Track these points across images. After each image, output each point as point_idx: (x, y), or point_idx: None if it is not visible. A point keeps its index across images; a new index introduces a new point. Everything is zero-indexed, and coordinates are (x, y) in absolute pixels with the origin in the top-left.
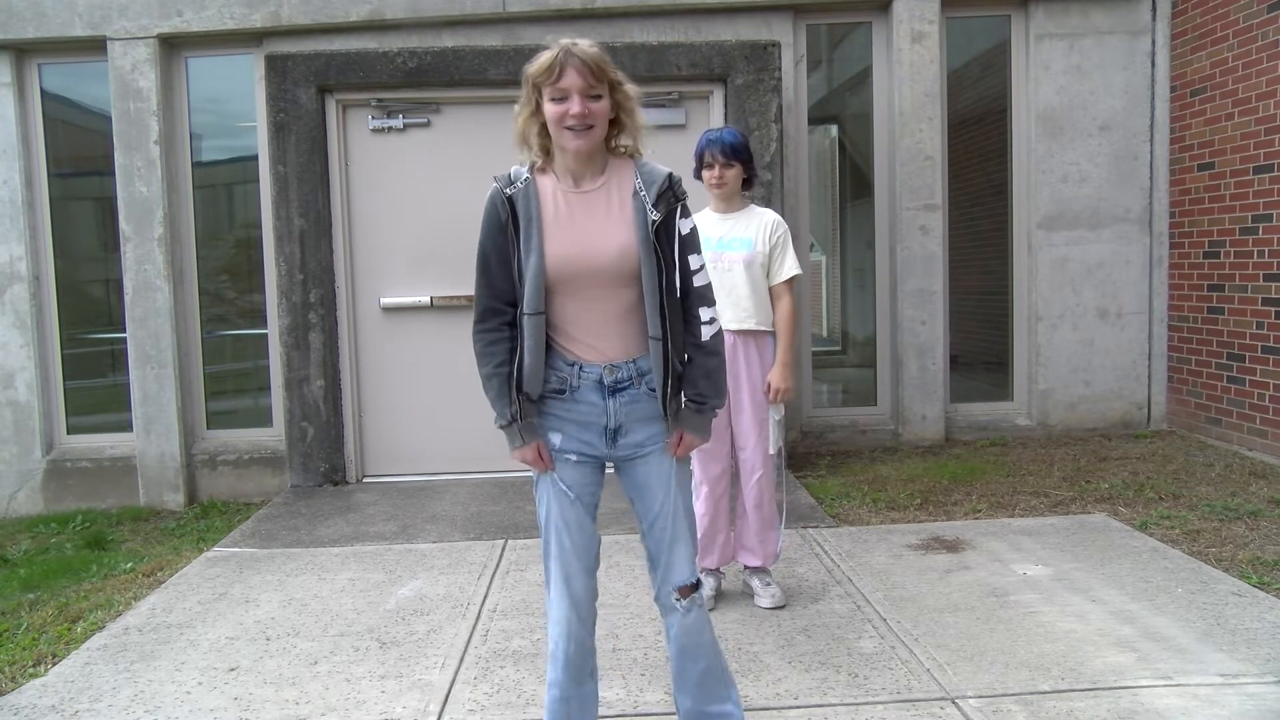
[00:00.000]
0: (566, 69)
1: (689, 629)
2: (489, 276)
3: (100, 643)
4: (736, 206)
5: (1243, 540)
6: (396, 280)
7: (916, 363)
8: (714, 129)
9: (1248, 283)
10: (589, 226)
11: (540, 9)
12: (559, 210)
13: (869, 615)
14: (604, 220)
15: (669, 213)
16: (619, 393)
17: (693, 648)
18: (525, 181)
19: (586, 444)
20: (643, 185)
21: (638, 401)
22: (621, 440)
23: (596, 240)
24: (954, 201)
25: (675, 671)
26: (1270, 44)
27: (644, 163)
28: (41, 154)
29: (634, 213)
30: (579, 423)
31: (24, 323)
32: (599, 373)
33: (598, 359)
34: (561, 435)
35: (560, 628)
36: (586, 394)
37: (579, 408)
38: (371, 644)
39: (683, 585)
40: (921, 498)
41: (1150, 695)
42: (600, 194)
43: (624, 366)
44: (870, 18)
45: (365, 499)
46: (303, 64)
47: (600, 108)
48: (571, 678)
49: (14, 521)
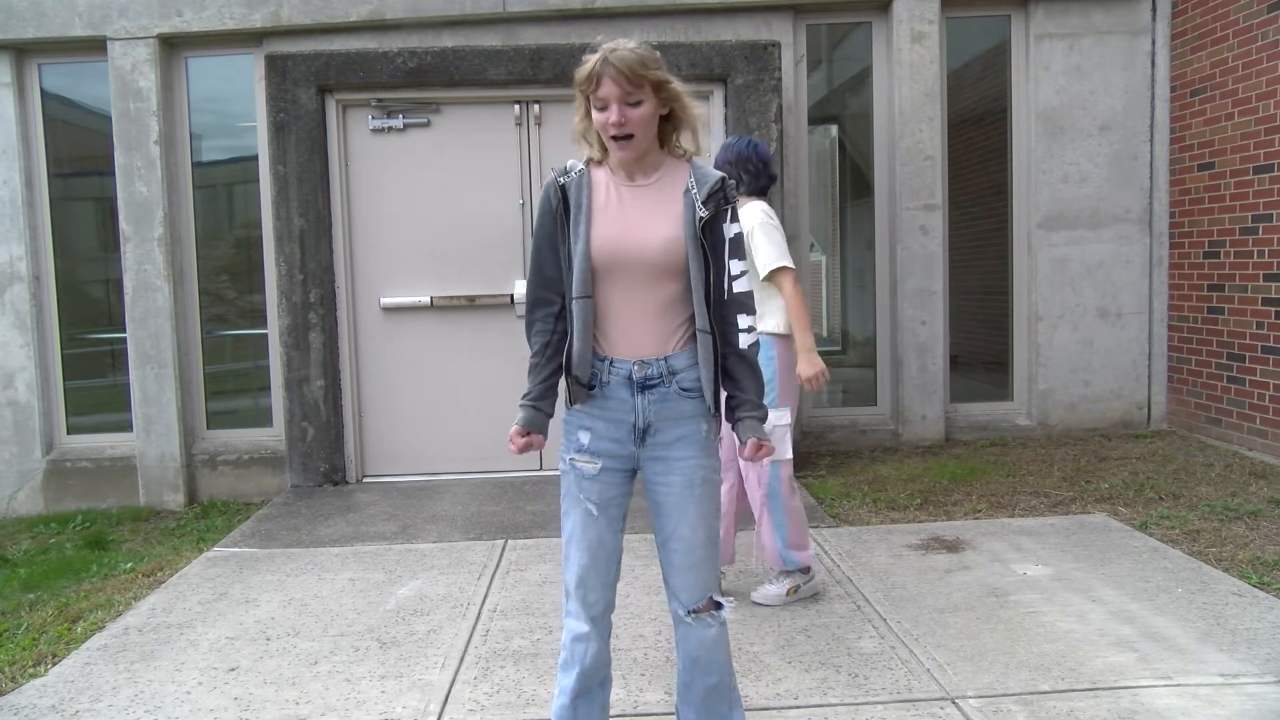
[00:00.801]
0: (603, 79)
1: (706, 642)
2: (540, 265)
3: (100, 643)
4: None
5: (1243, 540)
6: (396, 280)
7: (916, 363)
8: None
9: (1248, 283)
10: (637, 217)
11: (540, 9)
12: (609, 199)
13: (869, 615)
14: (653, 213)
15: (717, 213)
16: (648, 390)
17: (706, 661)
18: (579, 172)
19: (616, 442)
20: (695, 184)
21: (667, 400)
22: (650, 440)
23: (644, 230)
24: (954, 201)
25: (682, 683)
26: (1270, 44)
27: (700, 165)
28: (41, 154)
29: (683, 209)
30: (608, 420)
31: (24, 323)
32: (629, 368)
33: (628, 354)
34: (590, 434)
35: (575, 638)
36: (616, 390)
37: (608, 404)
38: (371, 644)
39: (694, 608)
40: (921, 498)
41: (1150, 695)
42: (653, 189)
43: (654, 363)
44: (870, 18)
45: (365, 499)
46: (303, 64)
47: (640, 114)
48: (583, 686)
49: (14, 521)
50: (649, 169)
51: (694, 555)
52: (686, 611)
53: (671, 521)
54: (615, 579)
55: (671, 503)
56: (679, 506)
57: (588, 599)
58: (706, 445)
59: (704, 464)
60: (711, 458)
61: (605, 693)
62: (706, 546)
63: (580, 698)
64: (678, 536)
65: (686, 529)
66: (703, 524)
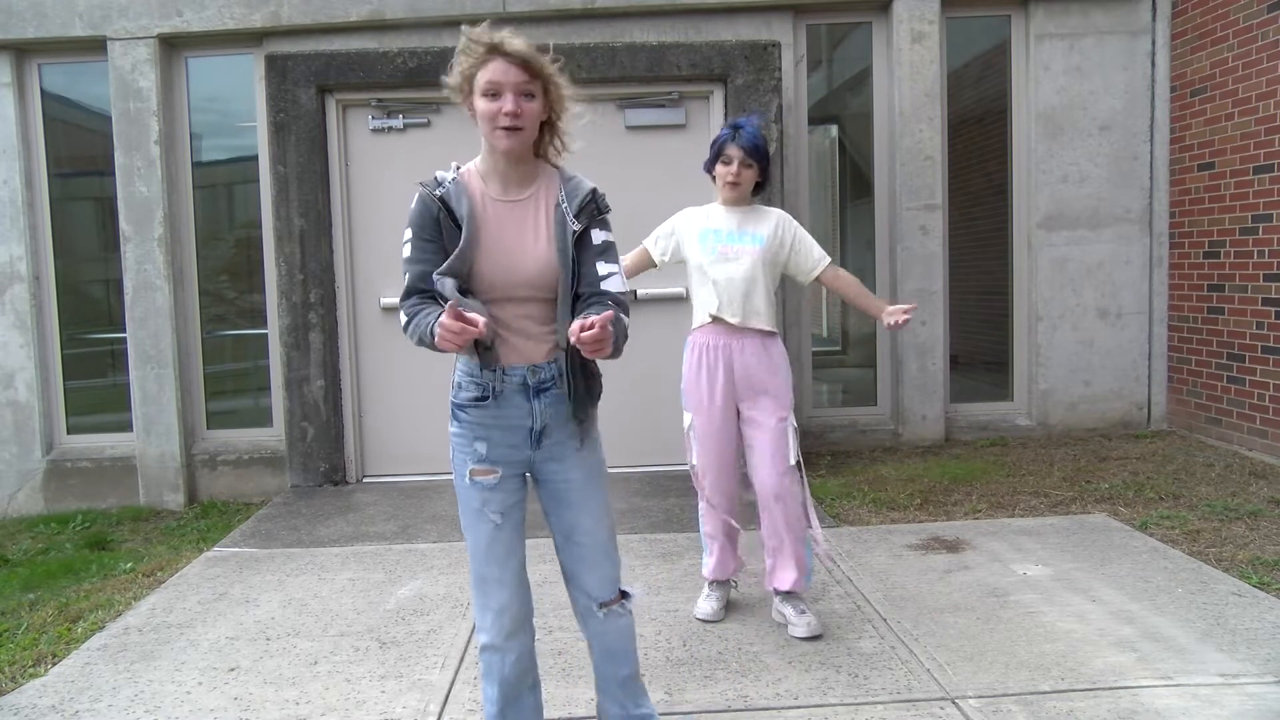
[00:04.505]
0: (496, 63)
1: (620, 633)
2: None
3: (100, 643)
4: (744, 205)
5: (1243, 540)
6: (396, 280)
7: (916, 363)
8: (741, 119)
9: (1248, 283)
10: (514, 237)
11: (540, 9)
12: (486, 216)
13: (869, 615)
14: (531, 234)
15: (590, 225)
16: (543, 393)
17: (621, 652)
18: (452, 183)
19: (512, 448)
20: (565, 198)
21: (560, 402)
22: (545, 441)
23: (523, 255)
24: (954, 201)
25: (601, 676)
26: (1270, 44)
27: (570, 175)
28: (41, 154)
29: (554, 224)
30: (504, 427)
31: (24, 323)
32: (522, 374)
33: (520, 360)
34: (487, 444)
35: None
36: (511, 397)
37: (504, 412)
38: (371, 644)
39: (605, 600)
40: (921, 498)
41: (1150, 695)
42: (527, 205)
43: (546, 367)
44: (870, 18)
45: (365, 499)
46: (303, 64)
47: (532, 109)
48: (509, 694)
49: (14, 521)
50: (524, 180)
51: (601, 547)
52: (598, 605)
53: (575, 515)
54: (528, 584)
55: (575, 497)
56: (581, 501)
57: (508, 613)
58: (598, 440)
59: (600, 458)
60: (601, 451)
61: (536, 695)
62: (610, 538)
63: (509, 705)
64: (582, 529)
65: (590, 521)
66: (605, 515)
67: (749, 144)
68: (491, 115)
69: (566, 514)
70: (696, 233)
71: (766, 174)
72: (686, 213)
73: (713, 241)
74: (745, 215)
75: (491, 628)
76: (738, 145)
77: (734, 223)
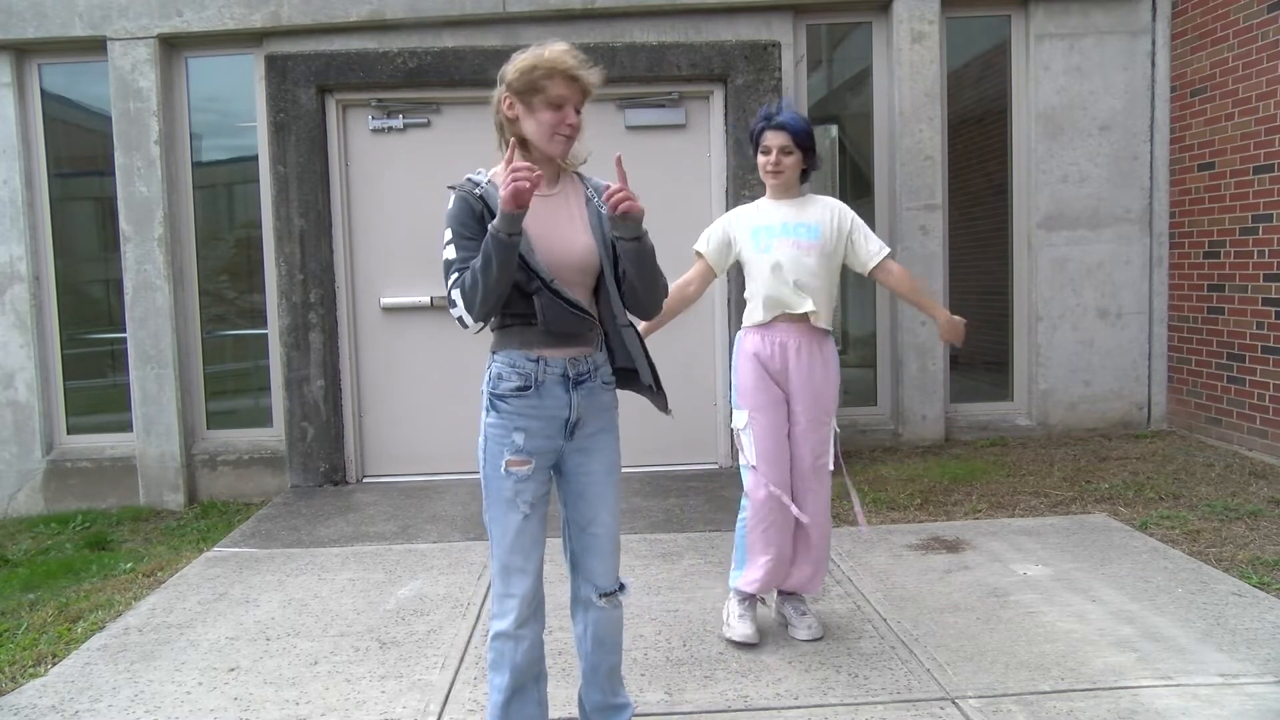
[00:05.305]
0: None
1: (613, 623)
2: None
3: (100, 643)
4: (794, 195)
5: (1243, 540)
6: (396, 280)
7: (916, 363)
8: (772, 105)
9: (1248, 283)
10: (557, 229)
11: (540, 9)
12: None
13: (869, 615)
14: (568, 223)
15: None
16: (580, 385)
17: (611, 642)
18: (488, 183)
19: (548, 439)
20: (594, 193)
21: (593, 394)
22: (577, 433)
23: (568, 242)
24: (954, 201)
25: (589, 666)
26: (1270, 44)
27: (587, 175)
28: (41, 154)
29: (590, 216)
30: (543, 418)
31: (24, 323)
32: (563, 365)
33: (560, 353)
34: (525, 434)
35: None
36: (551, 387)
37: (545, 403)
38: (371, 644)
39: (607, 591)
40: (921, 498)
41: (1150, 695)
42: (557, 200)
43: (584, 360)
44: (870, 18)
45: (365, 499)
46: (303, 64)
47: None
48: (518, 684)
49: (14, 521)
50: (551, 179)
51: (613, 539)
52: (600, 595)
53: (593, 508)
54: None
55: (594, 490)
56: (599, 493)
57: (528, 601)
58: (618, 435)
59: (619, 452)
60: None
61: (541, 688)
62: (618, 531)
63: (516, 695)
64: (599, 522)
65: (607, 514)
66: (616, 508)
67: (786, 127)
68: (555, 124)
69: (586, 507)
70: (749, 230)
71: (812, 159)
72: (736, 211)
73: (765, 238)
74: (796, 206)
75: (509, 615)
76: (773, 131)
77: (785, 215)
